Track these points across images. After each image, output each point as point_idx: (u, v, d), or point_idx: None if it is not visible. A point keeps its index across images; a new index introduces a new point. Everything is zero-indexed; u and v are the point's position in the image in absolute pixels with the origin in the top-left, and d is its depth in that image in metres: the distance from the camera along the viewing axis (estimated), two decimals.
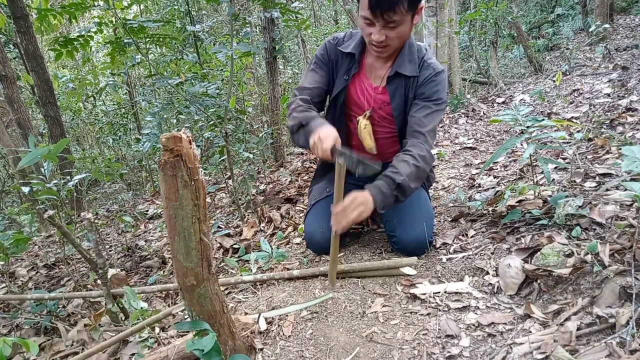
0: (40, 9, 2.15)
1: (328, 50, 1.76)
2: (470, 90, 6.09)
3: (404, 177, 1.50)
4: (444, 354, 1.16)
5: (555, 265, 1.29)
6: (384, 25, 1.46)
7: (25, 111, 3.82)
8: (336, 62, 1.75)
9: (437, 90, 1.63)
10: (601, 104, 3.17)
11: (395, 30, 1.48)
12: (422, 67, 1.65)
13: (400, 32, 1.49)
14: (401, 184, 1.50)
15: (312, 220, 1.87)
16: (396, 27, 1.47)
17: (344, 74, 1.73)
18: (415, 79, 1.64)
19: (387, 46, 1.54)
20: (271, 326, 1.40)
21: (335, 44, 1.75)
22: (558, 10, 9.36)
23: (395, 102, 1.68)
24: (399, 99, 1.68)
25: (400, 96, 1.67)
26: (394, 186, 1.50)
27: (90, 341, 1.59)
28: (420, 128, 1.60)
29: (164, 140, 0.88)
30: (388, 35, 1.49)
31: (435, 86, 1.63)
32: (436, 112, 1.63)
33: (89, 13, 6.04)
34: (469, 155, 3.15)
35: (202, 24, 3.16)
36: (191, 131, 2.88)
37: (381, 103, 1.72)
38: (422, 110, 1.62)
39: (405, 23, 1.47)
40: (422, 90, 1.64)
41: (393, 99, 1.68)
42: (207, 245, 1.00)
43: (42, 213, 1.90)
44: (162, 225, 2.95)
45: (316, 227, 1.84)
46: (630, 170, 1.15)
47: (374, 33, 1.49)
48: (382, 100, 1.71)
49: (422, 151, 1.56)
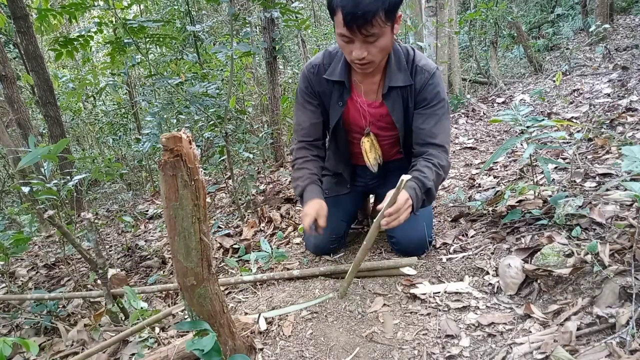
0: (40, 9, 2.15)
1: (311, 83, 1.66)
2: (470, 90, 6.09)
3: (432, 183, 1.50)
4: (444, 354, 1.16)
5: (555, 265, 1.29)
6: (363, 40, 1.36)
7: (25, 111, 3.82)
8: (323, 92, 1.66)
9: (437, 92, 1.58)
10: (601, 104, 3.17)
11: (375, 45, 1.38)
12: (414, 72, 1.57)
13: (381, 45, 1.39)
14: (430, 189, 1.50)
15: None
16: (376, 40, 1.36)
17: (337, 101, 1.65)
18: (412, 86, 1.58)
19: (371, 62, 1.44)
20: (271, 326, 1.40)
21: (316, 73, 1.64)
22: (558, 10, 9.36)
23: (396, 115, 1.63)
24: (398, 111, 1.62)
25: (399, 108, 1.62)
26: (425, 190, 1.49)
27: (90, 341, 1.59)
28: (433, 140, 1.56)
29: (164, 140, 0.88)
30: (369, 51, 1.39)
31: (434, 89, 1.57)
32: (444, 116, 1.59)
33: (89, 13, 6.04)
34: (469, 155, 3.15)
35: (202, 24, 3.16)
36: (191, 131, 2.88)
37: (379, 116, 1.66)
38: (429, 120, 1.57)
39: (385, 35, 1.37)
40: (423, 96, 1.58)
41: (393, 113, 1.62)
42: (207, 245, 1.00)
43: (42, 213, 1.90)
44: (162, 225, 2.95)
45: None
46: (630, 170, 1.15)
47: (354, 51, 1.39)
48: (380, 113, 1.66)
49: (442, 161, 1.55)
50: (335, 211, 1.87)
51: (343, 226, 1.88)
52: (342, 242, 1.92)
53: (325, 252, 1.87)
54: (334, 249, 1.87)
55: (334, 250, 1.87)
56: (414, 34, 5.48)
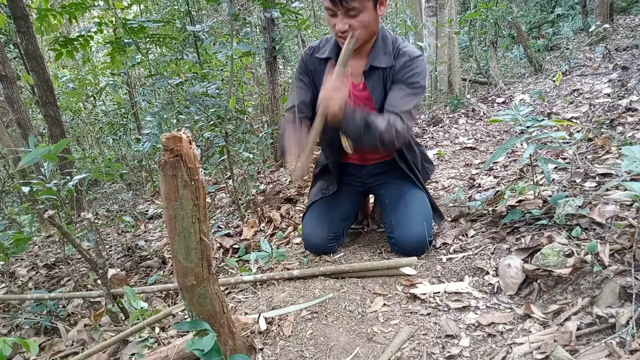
0: (40, 9, 2.15)
1: (305, 62, 1.76)
2: (470, 90, 6.09)
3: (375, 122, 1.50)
4: (444, 354, 1.16)
5: (555, 265, 1.29)
6: (345, 13, 1.47)
7: (25, 111, 3.81)
8: (314, 70, 1.74)
9: (414, 74, 1.61)
10: (601, 104, 3.17)
11: (357, 19, 1.48)
12: (397, 55, 1.63)
13: (362, 20, 1.49)
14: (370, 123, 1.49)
15: (309, 221, 1.87)
16: (357, 14, 1.47)
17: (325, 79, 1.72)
18: (392, 68, 1.63)
19: None
20: (271, 326, 1.40)
21: (311, 53, 1.75)
22: (558, 10, 9.36)
23: (375, 96, 1.67)
24: (378, 91, 1.66)
25: (379, 89, 1.66)
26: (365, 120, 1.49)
27: (90, 341, 1.59)
28: (393, 108, 1.57)
29: (164, 140, 0.88)
30: (351, 24, 1.49)
31: (410, 70, 1.61)
32: (411, 95, 1.60)
33: (89, 13, 6.04)
34: (469, 155, 3.16)
35: (202, 24, 3.16)
36: (191, 131, 2.88)
37: (364, 99, 1.71)
38: (396, 92, 1.61)
39: (367, 10, 1.48)
40: (398, 76, 1.63)
41: (373, 93, 1.67)
42: (207, 245, 0.99)
43: (42, 213, 1.90)
44: (162, 225, 2.95)
45: (313, 228, 1.84)
46: (630, 170, 1.15)
47: (337, 23, 1.50)
48: (364, 96, 1.70)
49: (398, 124, 1.53)
50: (334, 210, 1.87)
51: (342, 225, 1.88)
52: (341, 241, 1.92)
53: (324, 251, 1.87)
54: (333, 248, 1.87)
55: (333, 249, 1.87)
56: (414, 34, 5.48)
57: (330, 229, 1.82)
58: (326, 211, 1.86)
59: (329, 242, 1.83)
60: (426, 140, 3.88)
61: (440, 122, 4.37)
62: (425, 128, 4.29)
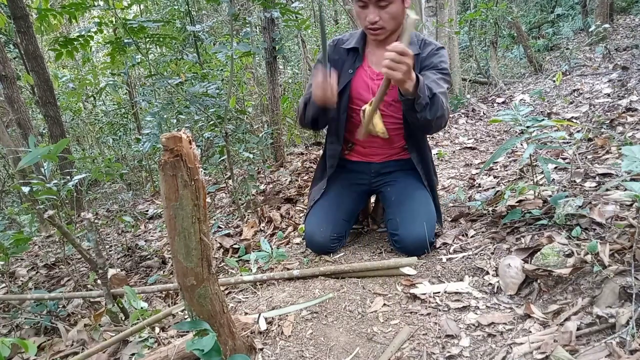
0: (40, 9, 2.15)
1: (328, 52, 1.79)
2: (470, 90, 6.09)
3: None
4: (444, 354, 1.16)
5: (555, 265, 1.29)
6: (376, 5, 1.54)
7: (25, 111, 3.81)
8: (338, 59, 1.79)
9: (441, 61, 1.67)
10: (601, 104, 3.17)
11: (386, 10, 1.55)
12: (422, 45, 1.71)
13: (392, 11, 1.56)
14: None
15: (312, 220, 1.87)
16: (387, 5, 1.54)
17: (349, 69, 1.77)
18: (419, 55, 1.68)
19: (382, 28, 1.60)
20: (271, 326, 1.40)
21: (335, 45, 1.82)
22: (558, 10, 9.36)
23: None
24: None
25: None
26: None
27: (90, 341, 1.58)
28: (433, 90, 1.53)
29: (164, 140, 0.88)
30: (381, 16, 1.56)
31: (438, 57, 1.68)
32: (443, 80, 1.64)
33: (89, 13, 6.04)
34: (469, 155, 3.16)
35: (202, 24, 3.16)
36: (191, 131, 2.88)
37: None
38: (430, 75, 1.63)
39: (396, 2, 1.55)
40: (427, 62, 1.68)
41: None
42: (207, 245, 0.99)
43: (42, 213, 1.90)
44: (162, 225, 2.95)
45: (316, 227, 1.83)
46: (630, 170, 1.15)
47: (368, 15, 1.57)
48: None
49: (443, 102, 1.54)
50: (339, 210, 1.87)
51: (345, 225, 1.88)
52: (343, 241, 1.92)
53: (326, 251, 1.86)
54: (335, 248, 1.87)
55: (334, 249, 1.87)
56: None
57: (334, 229, 1.82)
58: (330, 211, 1.86)
59: (331, 242, 1.83)
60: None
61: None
62: None
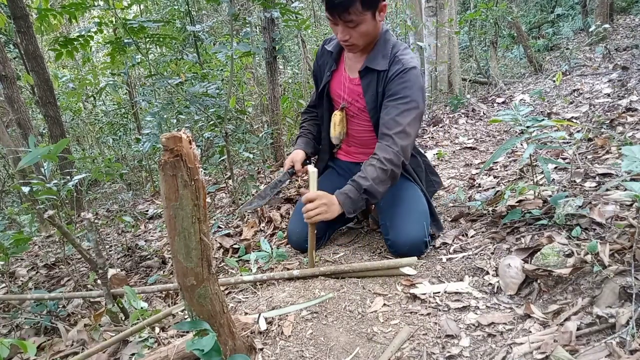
0: (40, 9, 2.15)
1: (318, 55, 1.90)
2: (470, 90, 6.08)
3: (370, 182, 1.54)
4: (444, 354, 1.16)
5: (555, 265, 1.29)
6: (344, 25, 1.52)
7: (25, 111, 3.81)
8: (323, 62, 1.87)
9: (405, 87, 1.59)
10: (601, 104, 3.17)
11: (356, 30, 1.53)
12: (392, 62, 1.64)
13: (361, 31, 1.54)
14: (367, 189, 1.55)
15: (293, 219, 1.97)
16: (356, 26, 1.52)
17: (327, 71, 1.84)
18: (385, 73, 1.64)
19: (354, 45, 1.59)
20: (271, 326, 1.39)
21: (323, 45, 1.87)
22: (558, 10, 9.37)
23: (368, 96, 1.70)
24: (371, 92, 1.69)
25: (372, 90, 1.69)
26: (362, 191, 1.55)
27: (90, 341, 1.58)
28: (387, 130, 1.60)
29: (164, 140, 0.88)
30: (351, 34, 1.54)
31: (402, 83, 1.60)
32: (406, 112, 1.59)
33: (89, 13, 6.04)
34: (469, 155, 3.16)
35: (202, 24, 3.16)
36: (191, 131, 2.88)
37: (356, 95, 1.76)
38: (390, 111, 1.61)
39: (366, 22, 1.52)
40: (390, 86, 1.63)
41: (366, 93, 1.71)
42: (207, 245, 0.99)
43: (42, 213, 1.90)
44: (162, 225, 2.95)
45: (294, 227, 1.92)
46: (630, 170, 1.15)
47: (338, 33, 1.56)
48: (357, 92, 1.76)
49: (388, 154, 1.56)
50: None
51: (323, 227, 1.89)
52: (322, 241, 1.96)
53: (304, 248, 1.88)
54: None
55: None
56: (414, 34, 5.48)
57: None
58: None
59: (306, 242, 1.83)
60: (426, 140, 3.88)
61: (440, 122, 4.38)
62: (425, 128, 4.29)
